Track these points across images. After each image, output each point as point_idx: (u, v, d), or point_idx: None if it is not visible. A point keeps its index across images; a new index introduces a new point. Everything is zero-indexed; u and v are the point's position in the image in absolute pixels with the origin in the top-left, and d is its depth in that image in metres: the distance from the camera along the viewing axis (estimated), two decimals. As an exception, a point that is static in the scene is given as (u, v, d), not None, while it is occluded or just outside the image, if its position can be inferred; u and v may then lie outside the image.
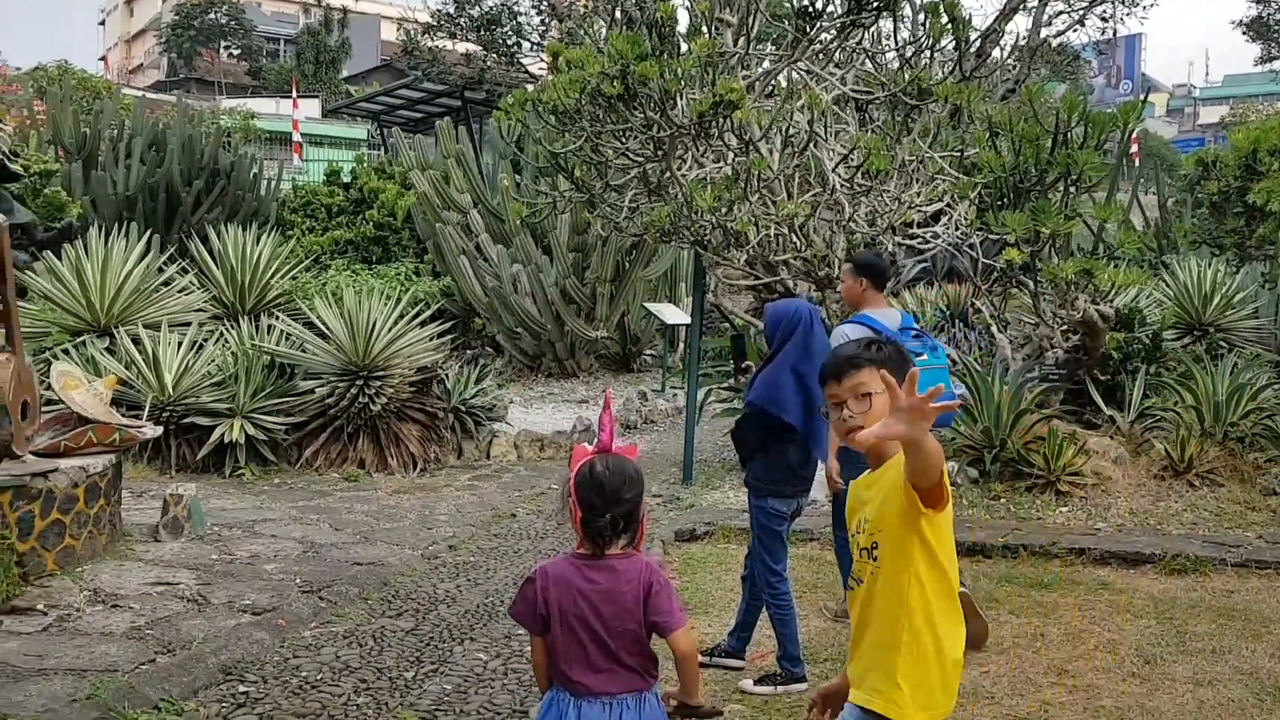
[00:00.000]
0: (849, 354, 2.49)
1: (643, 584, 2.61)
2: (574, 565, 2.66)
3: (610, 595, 2.61)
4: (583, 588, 2.62)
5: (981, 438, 7.92)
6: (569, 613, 2.61)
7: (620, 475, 2.66)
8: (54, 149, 14.49)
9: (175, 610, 5.20)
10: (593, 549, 2.65)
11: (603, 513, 2.64)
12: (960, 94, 7.57)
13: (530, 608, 2.66)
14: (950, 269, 14.55)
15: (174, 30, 51.09)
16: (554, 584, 2.64)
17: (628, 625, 2.61)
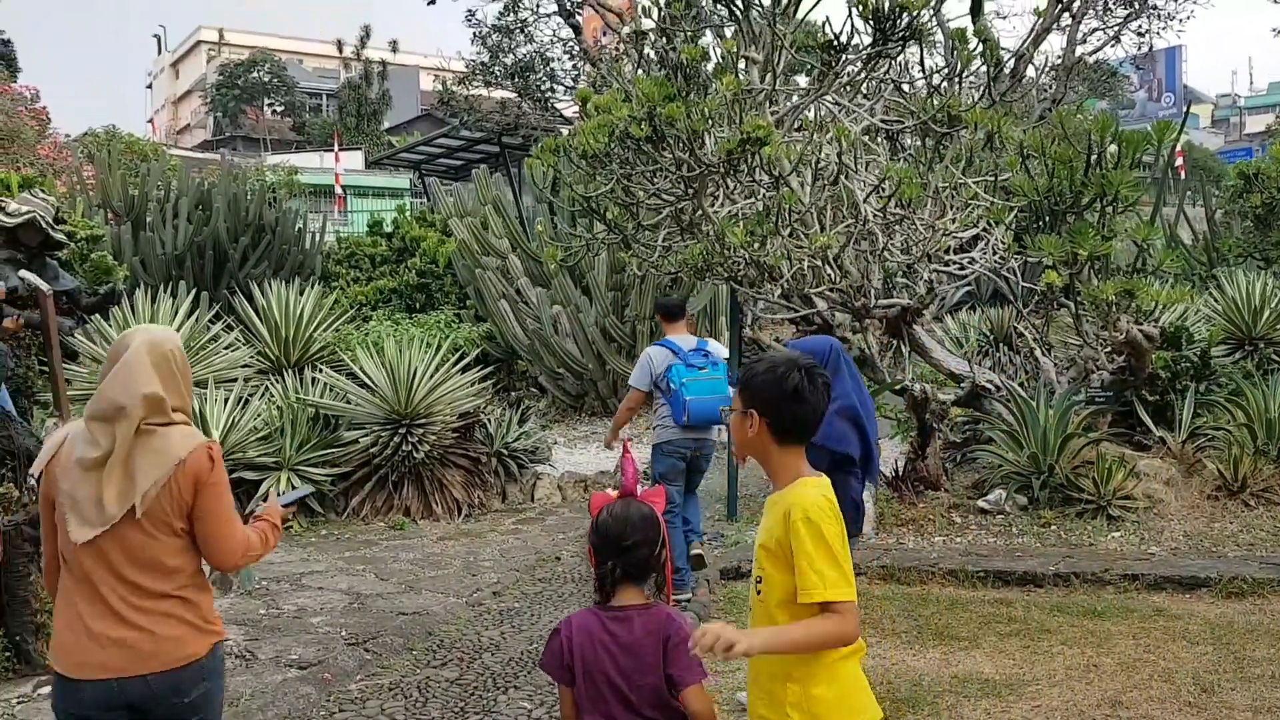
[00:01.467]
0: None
1: (661, 636, 2.59)
2: (597, 616, 2.65)
3: (630, 648, 2.59)
4: (604, 640, 2.61)
5: (1028, 463, 7.81)
6: (591, 665, 2.60)
7: (623, 521, 2.65)
8: (103, 213, 14.84)
9: (223, 667, 5.25)
10: (600, 596, 2.65)
11: (605, 559, 2.63)
12: (991, 120, 7.54)
13: (557, 659, 2.65)
14: (995, 292, 14.41)
15: (218, 90, 52.35)
16: (578, 635, 2.63)
17: (647, 679, 2.58)
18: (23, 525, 5.07)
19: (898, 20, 7.66)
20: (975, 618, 5.95)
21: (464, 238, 14.47)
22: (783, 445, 2.56)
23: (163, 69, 62.75)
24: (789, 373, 2.52)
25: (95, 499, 2.68)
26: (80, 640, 2.70)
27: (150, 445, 2.72)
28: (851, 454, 4.38)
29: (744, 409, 2.56)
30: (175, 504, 2.73)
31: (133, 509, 2.67)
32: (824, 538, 2.43)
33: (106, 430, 2.71)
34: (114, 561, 2.70)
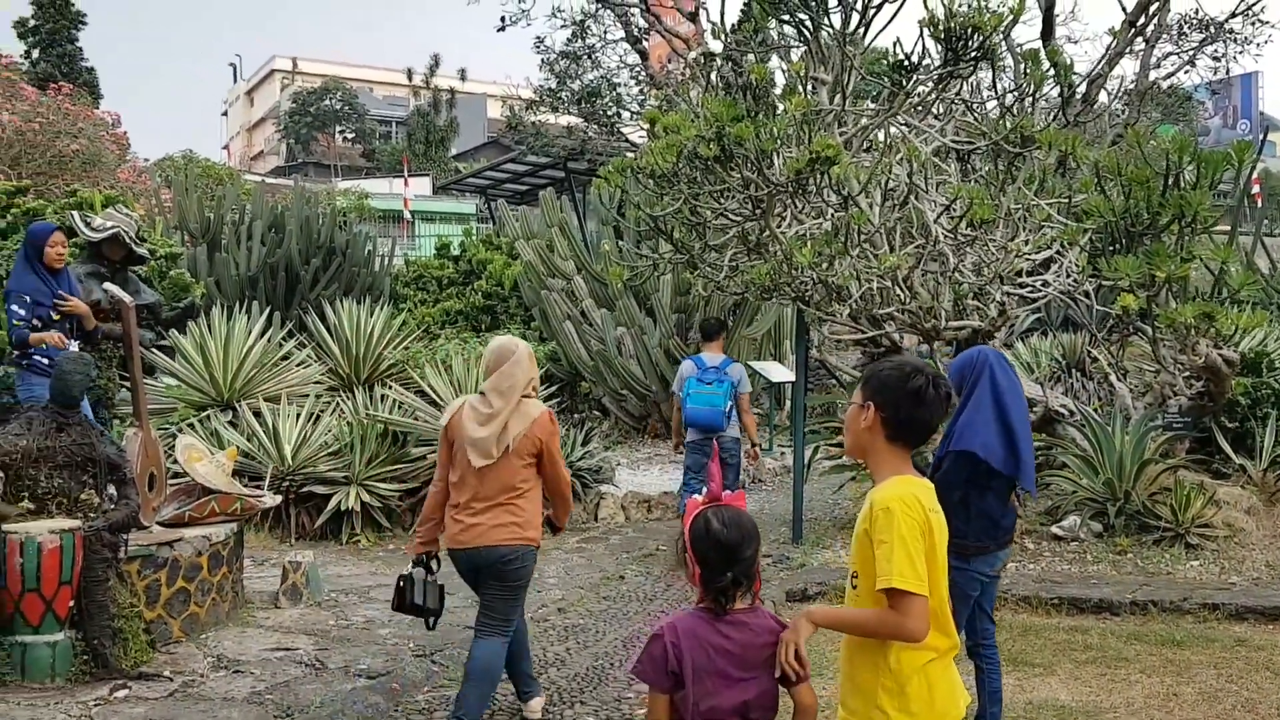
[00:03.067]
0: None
1: (773, 638, 2.57)
2: (704, 620, 2.60)
3: (743, 650, 2.56)
4: (716, 642, 2.56)
5: (1104, 490, 7.65)
6: (702, 668, 2.54)
7: (739, 530, 2.61)
8: (180, 234, 15.21)
9: (294, 675, 5.31)
10: (716, 607, 2.59)
11: (724, 570, 2.57)
12: (1065, 140, 7.45)
13: (659, 664, 2.57)
14: (1066, 317, 14.18)
15: (292, 117, 53.51)
16: (685, 638, 2.57)
17: (761, 682, 2.56)
18: (102, 531, 5.18)
19: (969, 41, 7.61)
20: (1050, 644, 5.82)
21: (530, 259, 14.59)
22: (891, 443, 2.61)
23: (238, 97, 64.31)
24: (914, 374, 2.61)
25: (486, 439, 4.42)
26: (465, 525, 4.47)
27: (520, 410, 4.49)
28: (995, 465, 4.23)
29: (862, 401, 2.64)
30: (528, 445, 4.49)
31: (508, 448, 4.43)
32: (898, 529, 2.47)
33: (500, 399, 4.48)
34: (497, 482, 4.45)
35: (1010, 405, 4.26)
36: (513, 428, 4.45)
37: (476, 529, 4.43)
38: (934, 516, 2.57)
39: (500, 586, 4.52)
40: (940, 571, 2.57)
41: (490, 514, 4.44)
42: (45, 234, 6.23)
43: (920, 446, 2.67)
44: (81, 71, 38.29)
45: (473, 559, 4.47)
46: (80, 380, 5.49)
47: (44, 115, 19.84)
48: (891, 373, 2.63)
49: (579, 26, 22.42)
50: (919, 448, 2.70)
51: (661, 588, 7.37)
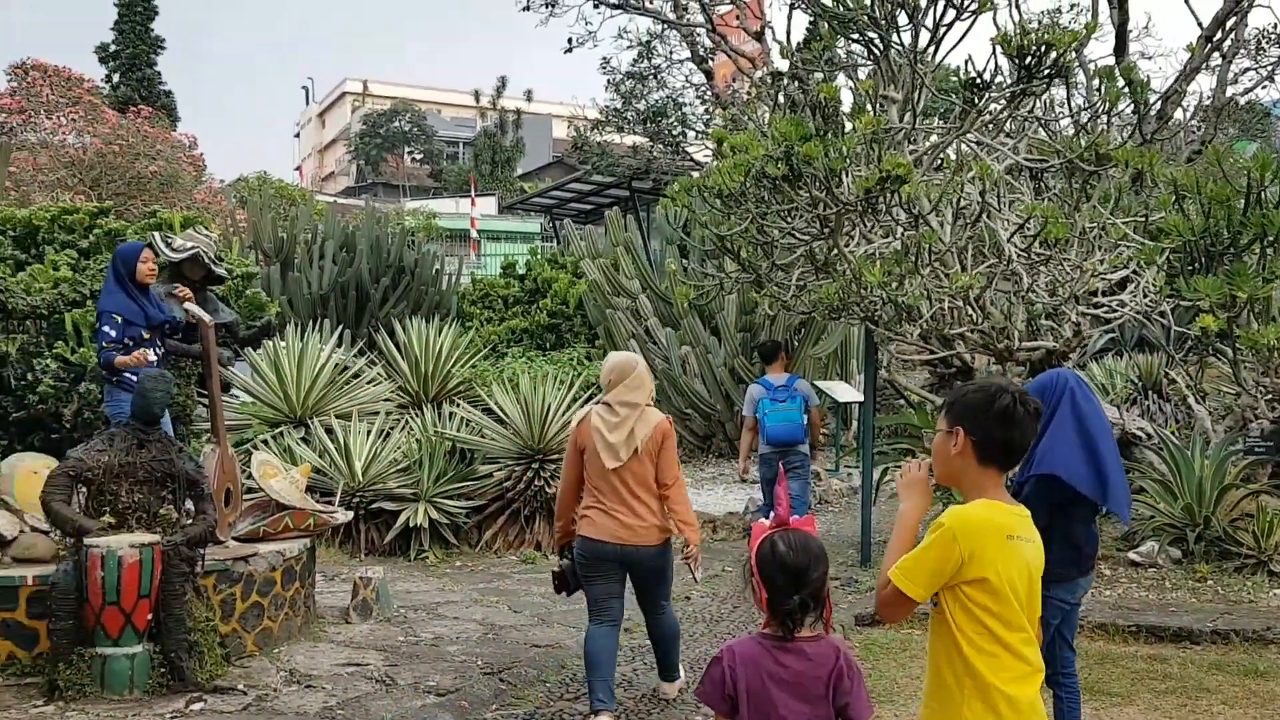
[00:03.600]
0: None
1: (834, 671, 2.52)
2: (763, 646, 2.57)
3: (801, 681, 2.52)
4: (772, 670, 2.53)
5: (1183, 515, 7.46)
6: (757, 695, 2.52)
7: (806, 553, 2.58)
8: (254, 254, 15.54)
9: (364, 691, 5.36)
10: (783, 632, 2.56)
11: (791, 594, 2.54)
12: (1141, 158, 7.30)
13: (718, 688, 2.57)
14: (1140, 338, 13.88)
15: (362, 139, 54.45)
16: (741, 664, 2.55)
17: (817, 713, 2.51)
18: (181, 546, 5.28)
19: (1043, 58, 7.51)
20: (1128, 673, 5.68)
21: (595, 278, 14.68)
22: (983, 466, 2.59)
23: (310, 119, 65.61)
24: (1000, 394, 2.59)
25: (618, 444, 4.99)
26: (606, 519, 4.99)
27: (643, 418, 5.06)
28: (1080, 489, 4.12)
29: (949, 427, 2.62)
30: (652, 446, 5.04)
31: (636, 450, 4.99)
32: (930, 538, 2.53)
33: (626, 409, 5.05)
34: (631, 481, 5.00)
35: (1094, 428, 4.15)
36: (639, 432, 5.03)
37: (612, 526, 5.00)
38: (1020, 545, 2.54)
39: (652, 579, 5.17)
40: (1028, 600, 2.55)
41: (624, 512, 5.01)
42: (135, 253, 6.39)
43: (1013, 469, 2.61)
44: (160, 95, 39.37)
45: (621, 555, 5.02)
46: (161, 398, 5.61)
47: (124, 138, 20.45)
48: (976, 395, 2.61)
49: (645, 47, 22.53)
50: (1008, 469, 2.66)
51: (727, 609, 7.32)
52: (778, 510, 2.70)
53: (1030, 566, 2.56)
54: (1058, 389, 4.24)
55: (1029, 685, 2.56)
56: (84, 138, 21.02)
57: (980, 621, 2.52)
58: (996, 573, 2.50)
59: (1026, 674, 2.56)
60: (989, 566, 2.50)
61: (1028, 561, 2.56)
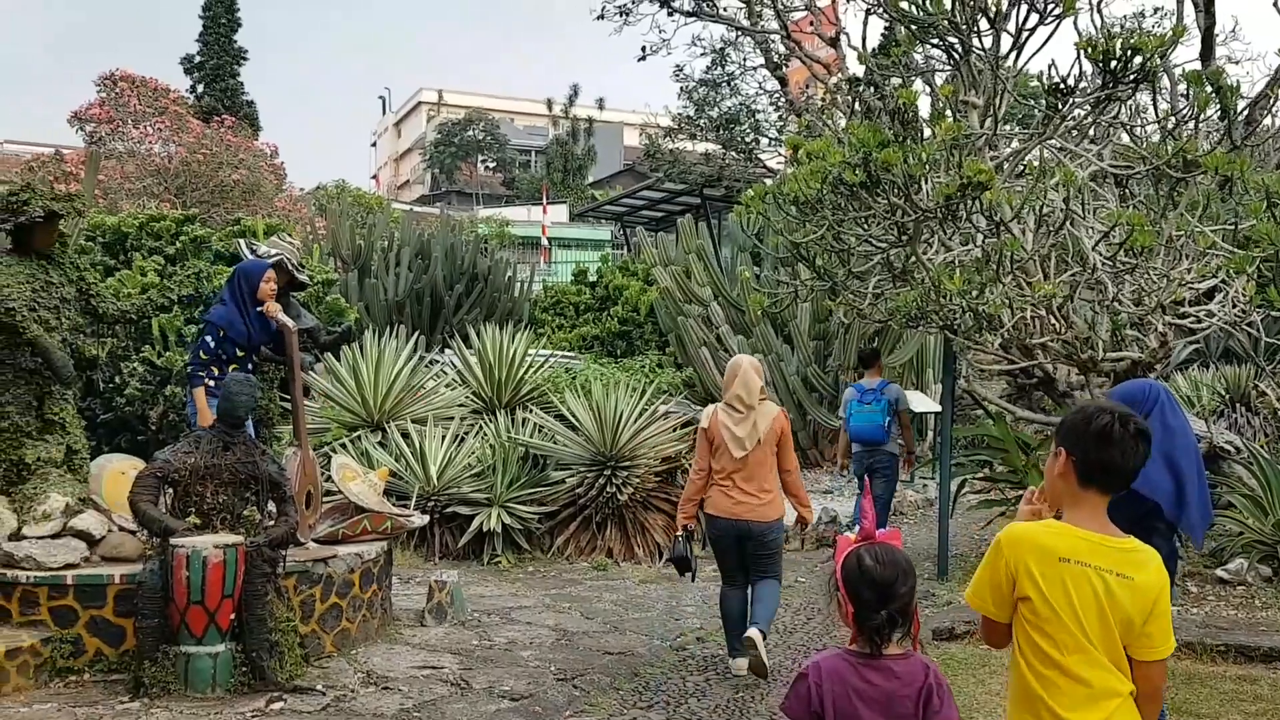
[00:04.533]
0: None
1: (923, 689, 2.46)
2: (849, 663, 2.53)
3: (888, 699, 2.47)
4: (859, 687, 2.49)
5: (1274, 531, 7.23)
6: (843, 712, 2.48)
7: (894, 567, 2.53)
8: (333, 260, 15.81)
9: (440, 694, 5.40)
10: (870, 648, 2.52)
11: (877, 609, 2.50)
12: (1231, 165, 7.09)
13: (803, 704, 2.53)
14: (1225, 349, 13.50)
15: (436, 148, 55.18)
16: (828, 680, 2.51)
17: None
18: (263, 547, 5.37)
19: (1129, 63, 7.34)
20: (1216, 694, 5.51)
21: (667, 285, 14.67)
22: (1083, 489, 2.59)
23: (386, 128, 66.66)
24: (1099, 414, 2.60)
25: (745, 437, 5.79)
26: (729, 499, 5.82)
27: (762, 410, 5.86)
28: (1160, 503, 4.00)
29: (1055, 448, 2.66)
30: (772, 436, 5.85)
31: (759, 441, 5.79)
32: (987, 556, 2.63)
33: (743, 405, 5.85)
34: (753, 467, 5.81)
35: (1180, 444, 4.03)
36: (760, 425, 5.82)
37: (741, 506, 5.81)
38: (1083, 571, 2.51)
39: (763, 549, 5.89)
40: (1101, 631, 2.52)
41: (749, 494, 5.81)
42: (260, 271, 6.55)
43: (1118, 491, 2.61)
44: (242, 105, 40.30)
45: (737, 529, 5.83)
46: (246, 401, 5.73)
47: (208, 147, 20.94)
48: (1077, 415, 2.65)
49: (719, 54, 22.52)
50: (1115, 493, 2.63)
51: (801, 620, 7.25)
52: (863, 523, 2.65)
53: (1101, 597, 2.50)
54: (1148, 401, 4.13)
55: (1091, 710, 2.50)
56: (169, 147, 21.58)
57: (1033, 640, 2.54)
58: (1039, 592, 2.51)
59: (1086, 697, 2.50)
60: (1030, 585, 2.52)
61: (1096, 591, 2.50)
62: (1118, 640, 2.52)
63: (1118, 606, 2.51)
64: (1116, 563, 2.54)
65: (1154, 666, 2.55)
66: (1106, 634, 2.52)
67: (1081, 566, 2.52)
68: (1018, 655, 2.57)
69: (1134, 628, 2.51)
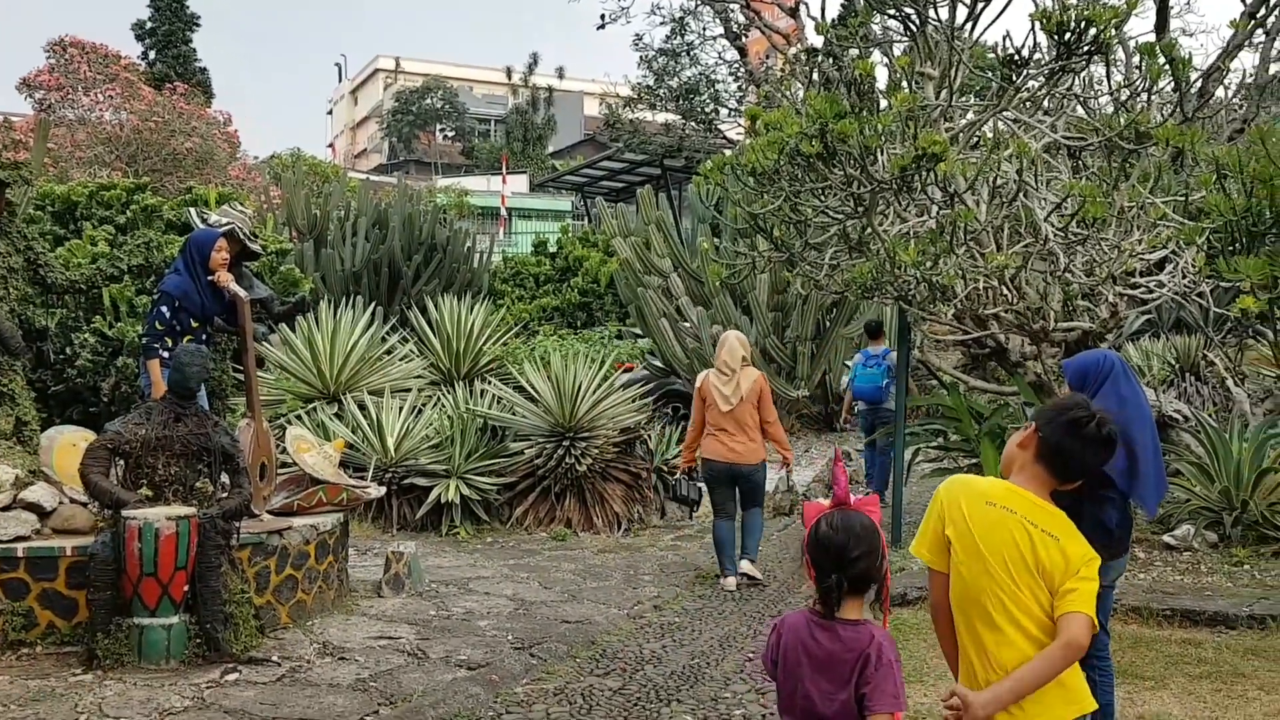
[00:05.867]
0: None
1: (861, 655, 2.51)
2: (806, 619, 2.64)
3: (829, 660, 2.55)
4: (808, 644, 2.59)
5: (1219, 499, 7.38)
6: (791, 664, 2.60)
7: (846, 533, 2.59)
8: (288, 230, 15.63)
9: (397, 664, 5.41)
10: (824, 608, 2.61)
11: (829, 572, 2.58)
12: (1182, 136, 7.18)
13: (770, 653, 2.69)
14: (1178, 320, 13.72)
15: (394, 116, 54.57)
16: (788, 633, 2.64)
17: (838, 695, 2.52)
18: (217, 518, 5.34)
19: (1082, 35, 7.39)
20: (1162, 657, 5.63)
21: (627, 256, 14.64)
22: (1036, 463, 2.75)
23: (342, 96, 65.79)
24: (1077, 407, 2.80)
25: (730, 395, 7.07)
26: (721, 445, 7.08)
27: (744, 373, 7.11)
28: (1111, 475, 4.05)
29: (1029, 422, 2.87)
30: (753, 394, 7.10)
31: (741, 398, 7.04)
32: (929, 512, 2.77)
33: (729, 369, 7.13)
34: (738, 419, 7.08)
35: (1133, 414, 4.07)
36: (743, 384, 7.13)
37: (730, 451, 7.09)
38: (1004, 515, 2.66)
39: (749, 486, 7.27)
40: (1010, 580, 2.64)
41: (737, 441, 7.10)
42: (211, 240, 6.47)
43: (1066, 484, 2.76)
44: (195, 72, 39.61)
45: (729, 470, 7.15)
46: (198, 372, 5.67)
47: (160, 115, 20.58)
48: (1060, 401, 2.90)
49: (678, 24, 22.42)
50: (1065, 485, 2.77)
51: (757, 589, 7.33)
52: (836, 490, 2.70)
53: (1021, 545, 2.62)
54: (1102, 370, 4.16)
55: (1003, 652, 2.63)
56: (121, 114, 21.20)
57: (958, 581, 2.70)
58: (963, 529, 2.67)
59: (995, 642, 2.65)
60: (954, 525, 2.69)
61: (1016, 538, 2.62)
62: (1036, 589, 2.62)
63: (1039, 560, 2.62)
64: (1045, 522, 2.66)
65: (1074, 618, 2.59)
66: (1024, 580, 2.62)
67: (1008, 512, 2.65)
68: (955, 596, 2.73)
69: (1054, 582, 2.61)
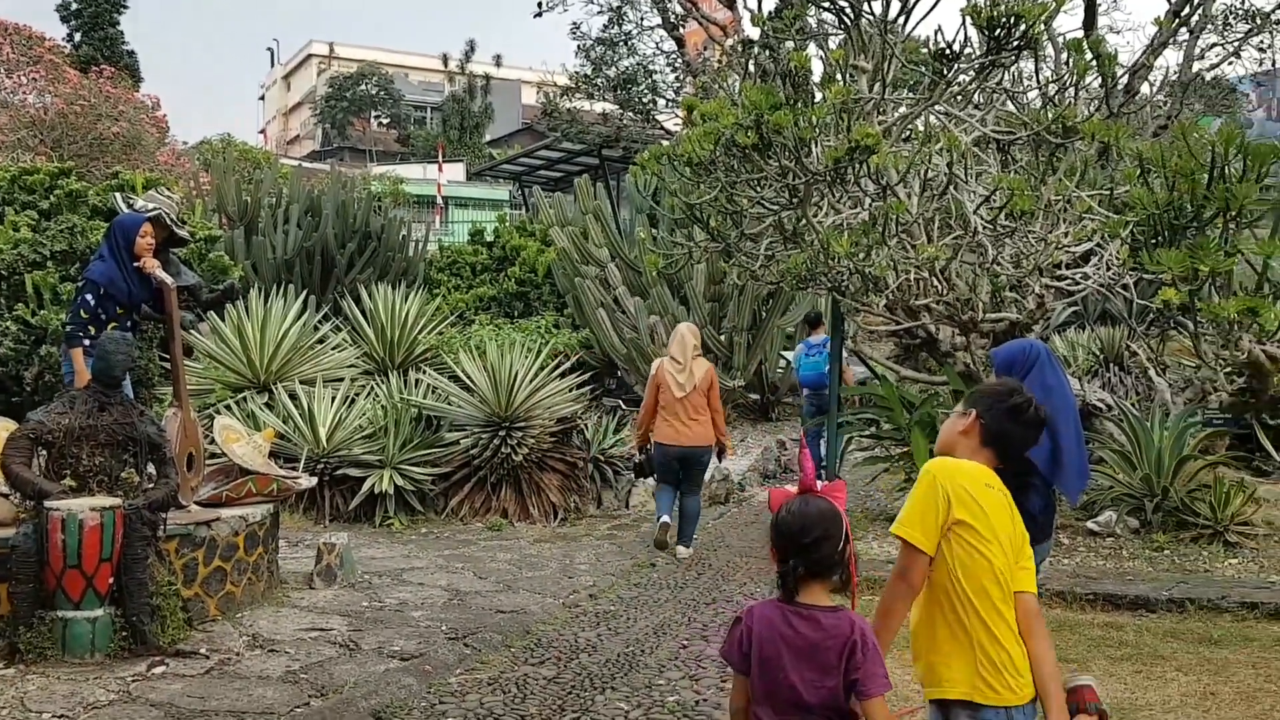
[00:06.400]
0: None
1: (848, 643, 2.52)
2: (780, 610, 2.61)
3: (812, 649, 2.54)
4: (786, 634, 2.56)
5: (1141, 486, 7.57)
6: (767, 656, 2.57)
7: (802, 519, 2.59)
8: (218, 217, 15.34)
9: (328, 655, 5.35)
10: (781, 594, 2.62)
11: (785, 558, 2.59)
12: (1108, 131, 7.34)
13: (736, 646, 2.63)
14: (1103, 311, 14.03)
15: (328, 102, 53.76)
16: (758, 624, 2.61)
17: (825, 683, 2.52)
18: (142, 509, 5.24)
19: (1012, 30, 7.52)
20: (1084, 640, 5.78)
21: (564, 246, 14.60)
22: (981, 449, 2.88)
23: (275, 81, 64.67)
24: (1016, 393, 2.95)
25: (684, 383, 7.63)
26: (672, 430, 7.64)
27: (696, 364, 7.68)
28: (1035, 462, 4.11)
29: (965, 409, 2.96)
30: (704, 383, 7.68)
31: (694, 386, 7.64)
32: (916, 486, 2.79)
33: (683, 358, 7.72)
34: (689, 405, 7.65)
35: (1058, 403, 4.14)
36: (695, 373, 7.71)
37: (681, 434, 7.67)
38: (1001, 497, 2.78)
39: (696, 468, 7.85)
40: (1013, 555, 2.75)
41: (687, 426, 7.66)
42: (136, 225, 6.30)
43: (1003, 464, 2.89)
44: (122, 55, 38.59)
45: (679, 451, 7.70)
46: (122, 360, 5.55)
47: (86, 98, 20.05)
48: (998, 388, 2.99)
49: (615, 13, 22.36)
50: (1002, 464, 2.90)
51: (692, 576, 7.37)
52: (803, 477, 2.71)
53: (1015, 526, 2.77)
54: (1028, 359, 4.23)
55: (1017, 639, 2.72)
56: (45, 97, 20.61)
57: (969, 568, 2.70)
58: (981, 513, 2.71)
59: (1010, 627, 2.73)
60: (967, 509, 2.70)
61: (1011, 519, 2.76)
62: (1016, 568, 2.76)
63: (1015, 533, 2.76)
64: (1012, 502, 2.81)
65: (1031, 598, 2.75)
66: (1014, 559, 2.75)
67: (1002, 494, 2.78)
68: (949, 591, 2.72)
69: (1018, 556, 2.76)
